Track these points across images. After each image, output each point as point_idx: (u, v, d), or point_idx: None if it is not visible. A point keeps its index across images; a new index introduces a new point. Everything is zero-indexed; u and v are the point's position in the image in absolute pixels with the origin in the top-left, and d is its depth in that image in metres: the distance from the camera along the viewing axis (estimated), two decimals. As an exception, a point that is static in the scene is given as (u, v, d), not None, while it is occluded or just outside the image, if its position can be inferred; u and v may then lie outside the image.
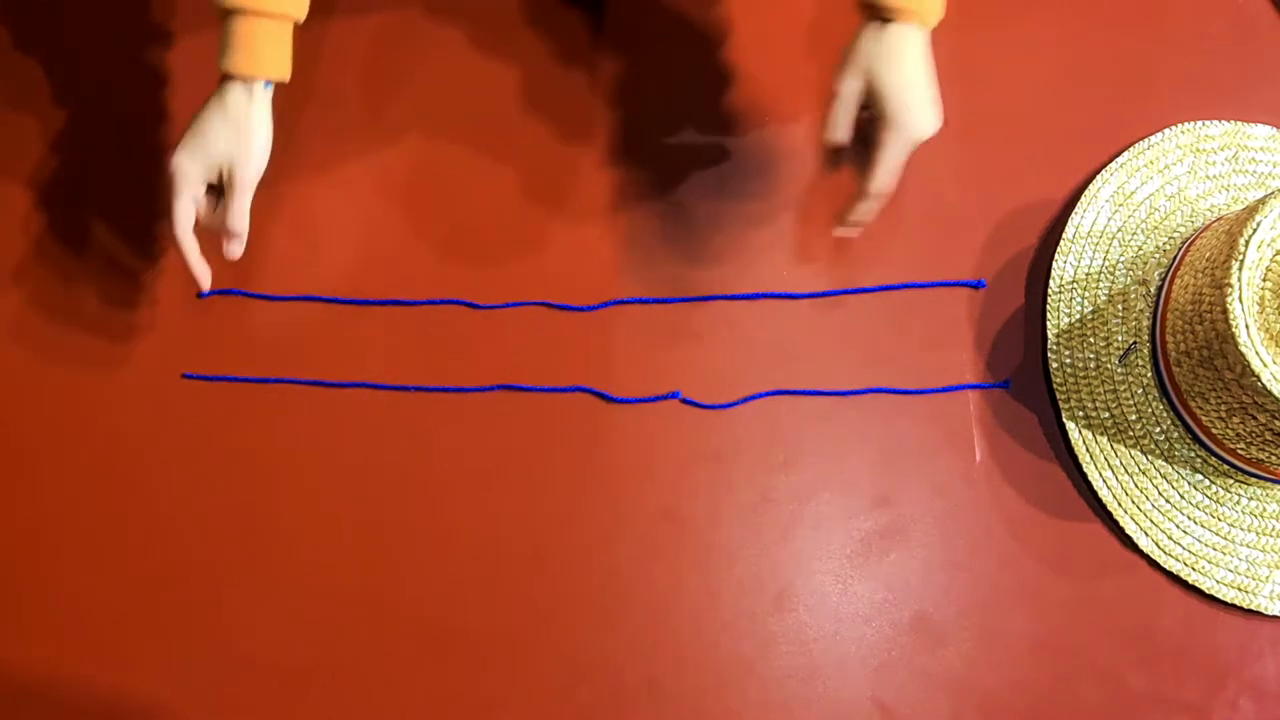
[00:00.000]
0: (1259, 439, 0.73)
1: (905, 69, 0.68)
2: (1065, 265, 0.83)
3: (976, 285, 0.84)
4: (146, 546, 0.76)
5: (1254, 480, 0.78)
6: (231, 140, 0.69)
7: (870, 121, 0.70)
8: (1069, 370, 0.81)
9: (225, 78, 0.69)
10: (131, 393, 0.80)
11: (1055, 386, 0.80)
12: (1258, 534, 0.78)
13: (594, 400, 0.80)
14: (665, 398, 0.80)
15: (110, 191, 0.85)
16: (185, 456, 0.78)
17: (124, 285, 0.82)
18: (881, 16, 0.67)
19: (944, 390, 0.81)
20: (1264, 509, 0.79)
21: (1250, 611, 0.77)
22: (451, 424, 0.79)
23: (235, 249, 0.73)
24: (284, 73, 0.70)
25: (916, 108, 0.68)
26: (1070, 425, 0.80)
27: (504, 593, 0.76)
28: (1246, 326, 0.69)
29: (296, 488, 0.78)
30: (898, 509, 0.78)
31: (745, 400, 0.80)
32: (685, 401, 0.80)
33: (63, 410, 0.80)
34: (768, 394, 0.80)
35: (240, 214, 0.71)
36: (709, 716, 0.74)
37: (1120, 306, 0.81)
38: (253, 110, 0.70)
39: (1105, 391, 0.80)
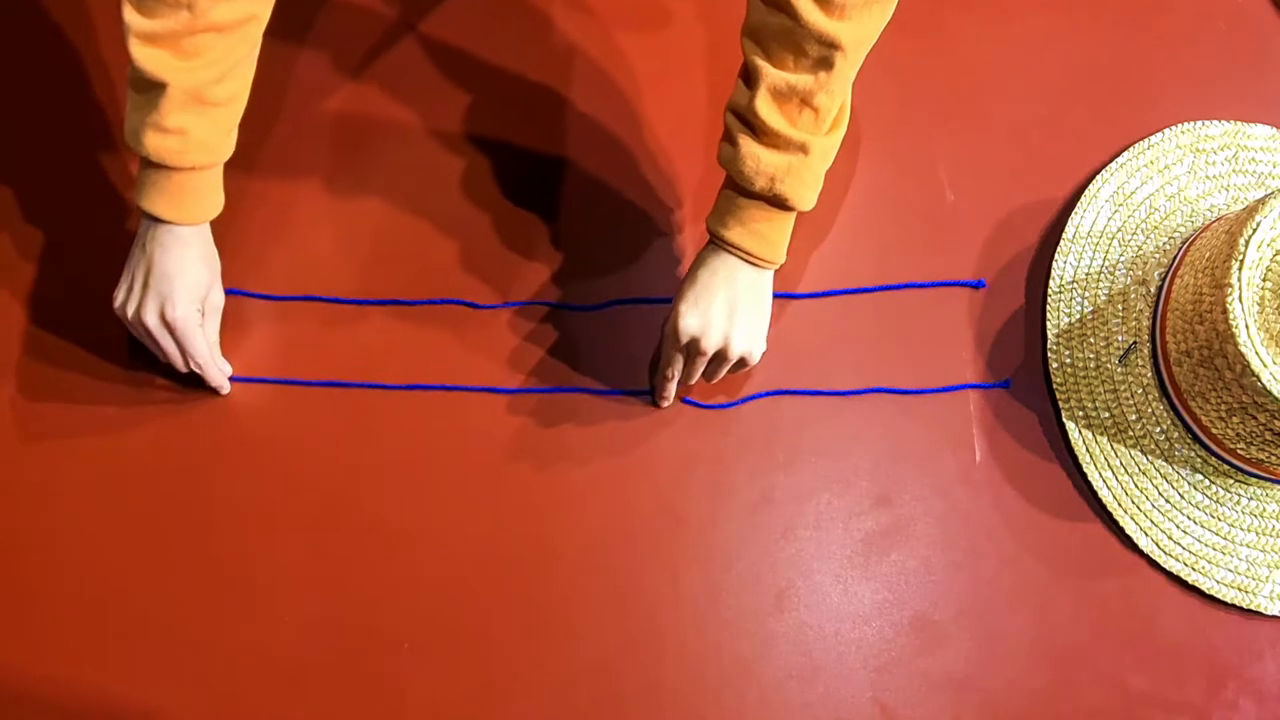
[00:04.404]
0: (1259, 439, 0.73)
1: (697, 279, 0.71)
2: (1065, 265, 0.83)
3: (976, 285, 0.84)
4: (143, 547, 0.76)
5: (1254, 480, 0.78)
6: (207, 272, 0.73)
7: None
8: (1069, 370, 0.81)
9: (163, 220, 0.70)
10: (127, 395, 0.80)
11: (1055, 386, 0.80)
12: (1258, 534, 0.78)
13: (593, 400, 0.80)
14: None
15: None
16: (182, 457, 0.78)
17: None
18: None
19: (944, 390, 0.81)
20: (1264, 509, 0.79)
21: (1250, 611, 0.77)
22: (451, 424, 0.79)
23: (226, 385, 0.79)
24: (220, 208, 0.73)
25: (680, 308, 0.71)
26: (1070, 425, 0.80)
27: (504, 593, 0.76)
28: (1246, 326, 0.69)
29: (296, 487, 0.78)
30: (898, 509, 0.78)
31: (745, 400, 0.80)
32: (685, 401, 0.80)
33: (59, 412, 0.79)
34: (768, 394, 0.80)
35: (216, 339, 0.77)
36: (709, 717, 0.74)
37: (1120, 306, 0.81)
38: (208, 239, 0.73)
39: (1105, 391, 0.80)
